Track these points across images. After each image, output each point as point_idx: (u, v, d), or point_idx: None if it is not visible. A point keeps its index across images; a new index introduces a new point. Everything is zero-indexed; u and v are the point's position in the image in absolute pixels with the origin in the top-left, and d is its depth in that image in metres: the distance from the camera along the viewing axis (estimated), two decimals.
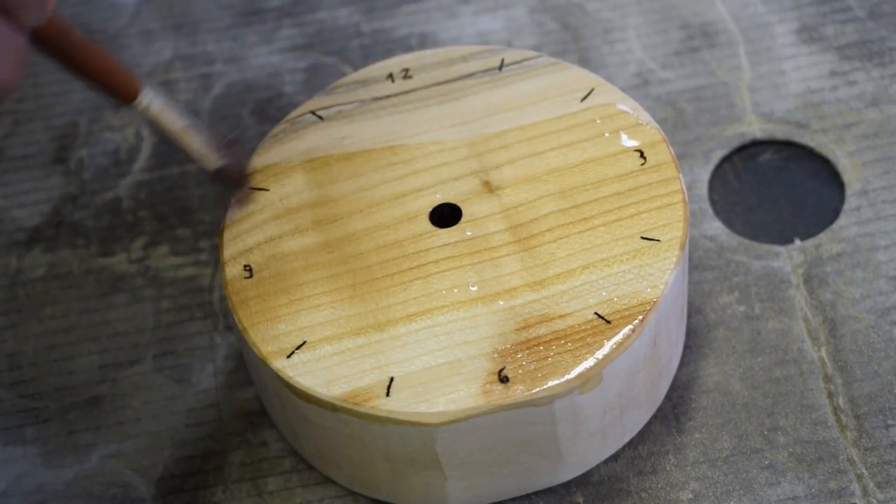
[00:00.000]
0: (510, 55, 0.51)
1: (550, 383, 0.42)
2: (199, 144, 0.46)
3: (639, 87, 0.57)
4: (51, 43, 0.41)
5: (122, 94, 0.44)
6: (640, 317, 0.43)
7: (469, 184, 0.47)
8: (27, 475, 0.49)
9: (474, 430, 0.42)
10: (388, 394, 0.42)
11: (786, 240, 0.52)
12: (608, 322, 0.43)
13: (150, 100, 0.44)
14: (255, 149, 0.50)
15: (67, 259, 0.55)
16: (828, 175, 0.54)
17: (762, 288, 0.50)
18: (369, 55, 0.61)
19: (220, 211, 0.55)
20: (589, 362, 0.42)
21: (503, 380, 0.42)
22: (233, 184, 0.48)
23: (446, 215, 0.47)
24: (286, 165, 0.49)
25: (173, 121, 0.45)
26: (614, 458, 0.47)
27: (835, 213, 0.52)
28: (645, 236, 0.45)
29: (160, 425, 0.50)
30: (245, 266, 0.46)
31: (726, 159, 0.55)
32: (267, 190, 0.48)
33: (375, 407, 0.42)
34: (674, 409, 0.48)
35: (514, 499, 0.46)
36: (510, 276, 0.44)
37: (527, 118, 0.49)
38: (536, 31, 0.60)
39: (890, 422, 0.46)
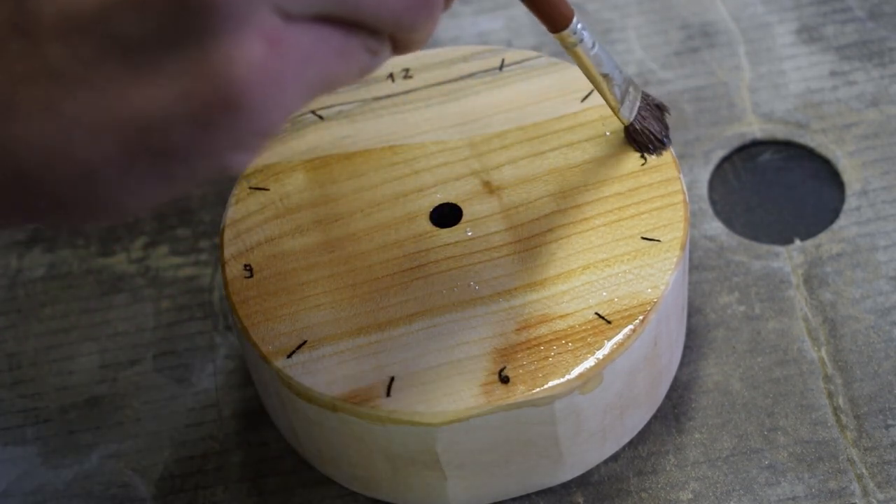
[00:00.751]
0: (510, 55, 0.51)
1: (551, 383, 0.42)
2: (617, 96, 0.46)
3: None
4: None
5: (555, 18, 0.43)
6: (641, 317, 0.43)
7: (469, 184, 0.47)
8: (27, 475, 0.49)
9: (474, 430, 0.42)
10: (388, 394, 0.42)
11: (786, 240, 0.52)
12: (608, 322, 0.43)
13: (581, 34, 0.43)
14: None
15: (67, 259, 0.55)
16: (828, 175, 0.54)
17: (762, 288, 0.50)
18: None
19: (219, 211, 0.55)
20: (589, 362, 0.42)
21: (503, 380, 0.42)
22: (642, 145, 0.47)
23: (447, 215, 0.47)
24: (286, 165, 0.49)
25: (598, 64, 0.45)
26: (614, 458, 0.47)
27: (835, 213, 0.52)
28: (645, 236, 0.45)
29: (160, 425, 0.49)
30: (245, 266, 0.46)
31: (726, 159, 0.55)
32: (267, 190, 0.48)
33: (376, 407, 0.42)
34: (674, 409, 0.48)
35: (514, 499, 0.46)
36: (510, 276, 0.44)
37: (527, 118, 0.49)
38: (536, 31, 0.60)
39: (890, 422, 0.46)
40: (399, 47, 0.36)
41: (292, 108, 0.33)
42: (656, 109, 0.48)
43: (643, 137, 0.47)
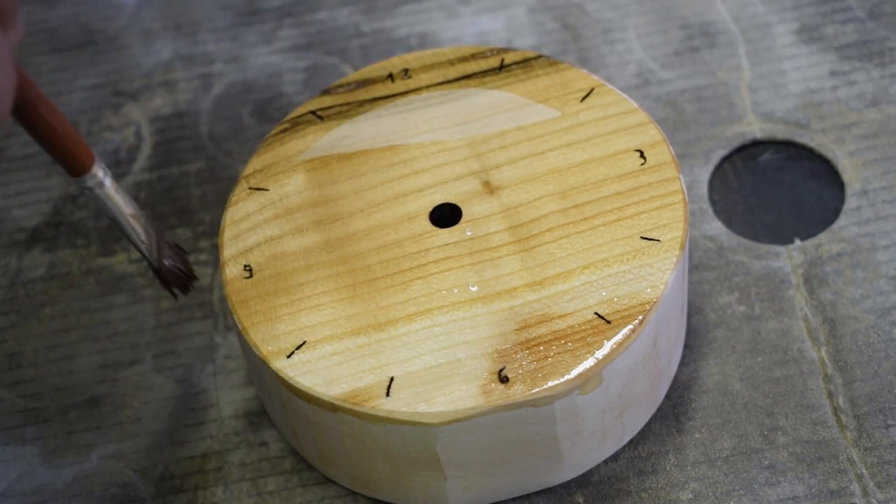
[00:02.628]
0: (510, 55, 0.51)
1: (551, 383, 0.42)
2: (145, 236, 0.44)
3: (639, 87, 0.57)
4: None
5: (76, 163, 0.41)
6: (640, 317, 0.43)
7: (469, 184, 0.47)
8: (27, 475, 0.49)
9: (474, 429, 0.42)
10: (388, 394, 0.42)
11: (786, 240, 0.52)
12: (608, 322, 0.43)
13: (103, 177, 0.43)
14: (255, 149, 0.50)
15: (67, 259, 0.55)
16: (828, 175, 0.54)
17: (762, 288, 0.50)
18: (369, 55, 0.61)
19: (219, 211, 0.55)
20: (589, 362, 0.42)
21: (503, 380, 0.42)
22: (173, 283, 0.46)
23: (446, 215, 0.47)
24: (286, 165, 0.49)
25: (123, 205, 0.43)
26: (614, 458, 0.47)
27: (835, 213, 0.52)
28: (645, 236, 0.45)
29: (160, 425, 0.49)
30: (245, 266, 0.46)
31: (726, 159, 0.55)
32: (267, 190, 0.48)
33: (375, 407, 0.42)
34: (674, 409, 0.48)
35: (514, 499, 0.46)
36: (510, 276, 0.44)
37: (527, 118, 0.49)
38: (536, 31, 0.60)
39: (890, 422, 0.46)
40: None
41: None
42: (176, 248, 0.47)
43: (176, 276, 0.46)
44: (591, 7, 0.61)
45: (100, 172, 0.42)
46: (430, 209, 0.47)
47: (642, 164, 0.47)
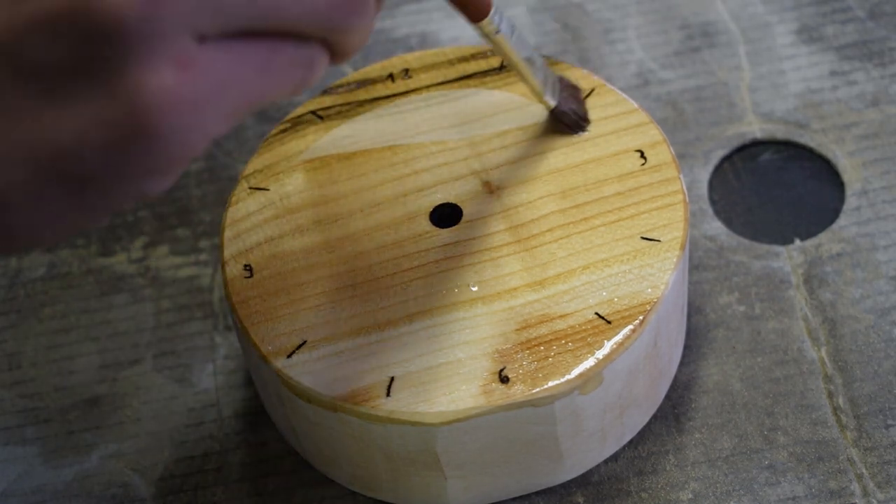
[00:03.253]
0: None
1: (551, 383, 0.42)
2: (540, 79, 0.46)
3: (639, 87, 0.57)
4: None
5: (475, 10, 0.42)
6: (641, 317, 0.43)
7: (469, 184, 0.47)
8: (27, 475, 0.49)
9: (474, 430, 0.42)
10: (388, 394, 0.42)
11: (786, 240, 0.52)
12: (608, 322, 0.43)
13: (500, 23, 0.43)
14: (255, 149, 0.50)
15: (67, 259, 0.55)
16: (828, 175, 0.54)
17: (762, 288, 0.50)
18: (369, 55, 0.61)
19: (219, 211, 0.55)
20: (589, 362, 0.42)
21: (503, 380, 0.42)
22: (568, 125, 0.48)
23: (446, 215, 0.47)
24: (286, 165, 0.49)
25: (519, 49, 0.45)
26: (614, 458, 0.47)
27: (835, 213, 0.52)
28: (645, 236, 0.45)
29: (160, 425, 0.49)
30: (245, 266, 0.46)
31: (726, 159, 0.55)
32: (267, 190, 0.48)
33: (375, 407, 0.42)
34: (674, 409, 0.48)
35: (514, 499, 0.46)
36: (510, 276, 0.44)
37: (527, 118, 0.49)
38: (536, 31, 0.60)
39: (890, 422, 0.46)
40: (336, 54, 0.35)
41: (212, 131, 0.32)
42: (573, 90, 0.49)
43: (569, 118, 0.48)
44: (591, 7, 0.61)
45: (495, 19, 0.43)
46: (431, 209, 0.47)
47: (642, 164, 0.47)
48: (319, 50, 0.34)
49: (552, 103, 0.47)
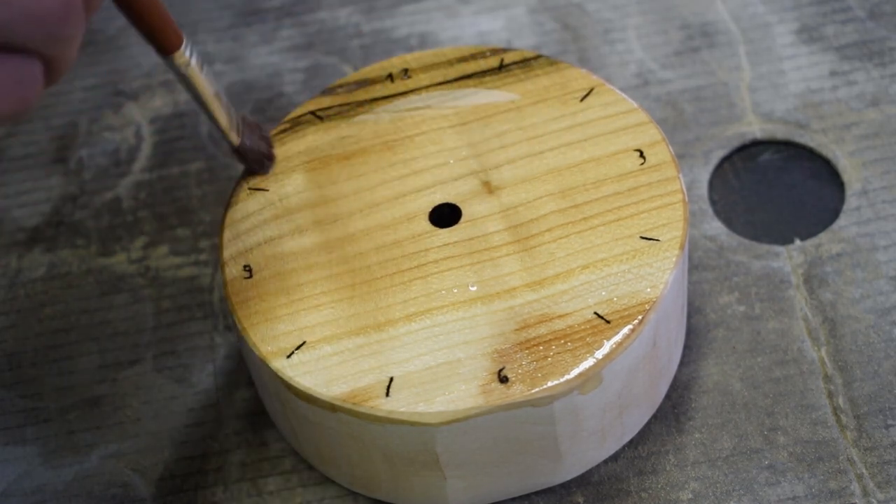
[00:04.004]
0: (510, 55, 0.51)
1: (550, 383, 0.42)
2: (227, 116, 0.46)
3: (639, 87, 0.57)
4: None
5: (166, 42, 0.42)
6: (640, 317, 0.43)
7: (469, 184, 0.47)
8: (27, 475, 0.49)
9: (474, 430, 0.42)
10: (387, 394, 0.42)
11: (786, 240, 0.52)
12: (608, 322, 0.43)
13: (191, 55, 0.43)
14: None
15: (67, 259, 0.55)
16: (828, 175, 0.54)
17: (762, 288, 0.50)
18: (369, 55, 0.61)
19: (219, 211, 0.55)
20: (589, 362, 0.42)
21: (503, 380, 0.42)
22: (253, 164, 0.48)
23: (446, 215, 0.47)
24: (286, 165, 0.49)
25: (208, 84, 0.44)
26: (614, 458, 0.47)
27: (835, 213, 0.52)
28: (645, 236, 0.45)
29: (160, 425, 0.50)
30: (245, 266, 0.46)
31: (726, 159, 0.55)
32: (267, 190, 0.48)
33: (375, 407, 0.42)
34: (674, 409, 0.48)
35: (514, 499, 0.46)
36: (510, 276, 0.44)
37: (527, 118, 0.49)
38: (536, 31, 0.60)
39: (890, 422, 0.46)
40: (52, 70, 0.34)
41: None
42: (258, 128, 0.48)
43: (253, 155, 0.48)
44: (591, 7, 0.61)
45: (187, 52, 0.43)
46: (430, 209, 0.47)
47: (642, 163, 0.47)
48: (39, 66, 0.33)
49: (236, 141, 0.47)
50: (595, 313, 0.43)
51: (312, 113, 0.50)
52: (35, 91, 0.33)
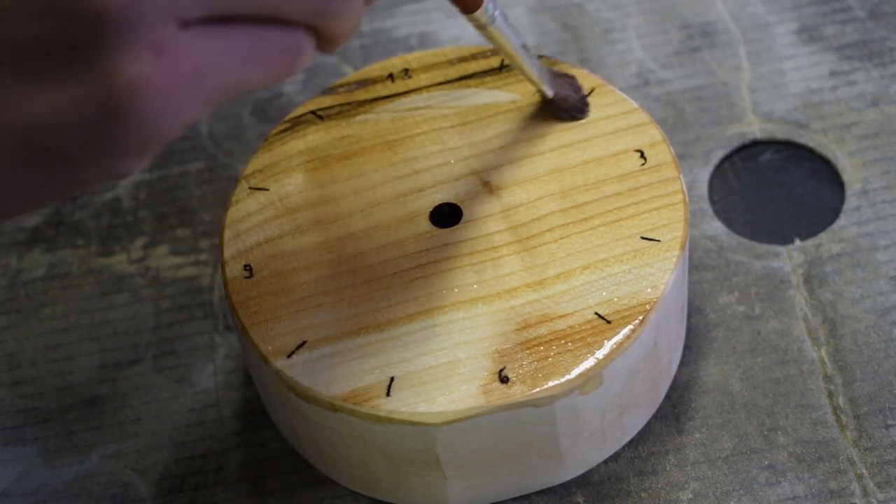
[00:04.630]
0: None
1: (551, 383, 0.42)
2: (536, 68, 0.46)
3: (639, 87, 0.57)
4: None
5: (468, 1, 0.42)
6: (641, 317, 0.43)
7: (469, 184, 0.47)
8: (27, 475, 0.49)
9: (474, 429, 0.42)
10: (388, 394, 0.42)
11: (786, 240, 0.52)
12: (608, 322, 0.43)
13: (493, 12, 0.43)
14: (255, 149, 0.50)
15: (67, 259, 0.55)
16: (828, 175, 0.54)
17: (762, 288, 0.50)
18: (369, 55, 0.61)
19: (219, 211, 0.55)
20: (589, 362, 0.42)
21: (503, 380, 0.42)
22: (569, 113, 0.48)
23: (446, 215, 0.47)
24: (286, 165, 0.49)
25: (514, 37, 0.44)
26: (614, 458, 0.47)
27: (835, 213, 0.52)
28: (645, 236, 0.45)
29: (160, 425, 0.50)
30: (245, 266, 0.46)
31: (726, 159, 0.55)
32: (267, 190, 0.48)
33: (375, 407, 0.42)
34: (674, 409, 0.48)
35: (514, 499, 0.46)
36: (510, 276, 0.44)
37: (527, 118, 0.49)
38: (536, 31, 0.60)
39: (890, 422, 0.46)
40: (323, 41, 0.34)
41: (187, 117, 0.32)
42: (569, 77, 0.49)
43: (569, 103, 0.48)
44: (591, 7, 0.61)
45: (489, 7, 0.42)
46: (430, 209, 0.47)
47: (642, 164, 0.47)
48: (305, 37, 0.34)
49: (550, 93, 0.47)
50: (596, 313, 0.43)
51: (313, 112, 0.50)
52: (301, 62, 0.34)
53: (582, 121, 0.48)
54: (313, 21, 0.34)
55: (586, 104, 0.48)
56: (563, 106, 0.48)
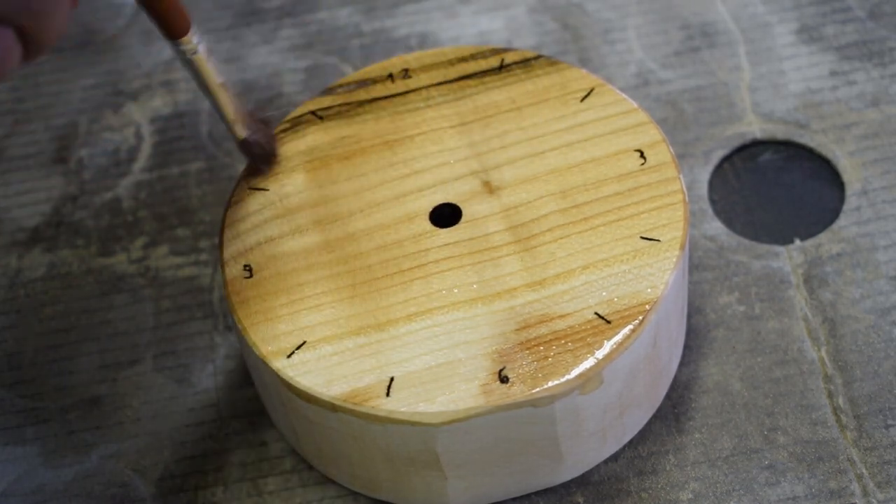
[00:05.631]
0: (510, 55, 0.51)
1: (551, 383, 0.42)
2: (233, 107, 0.45)
3: (639, 87, 0.57)
4: None
5: (175, 26, 0.41)
6: (640, 317, 0.43)
7: (469, 184, 0.47)
8: (27, 475, 0.49)
9: (474, 430, 0.42)
10: (388, 394, 0.42)
11: (786, 240, 0.52)
12: (608, 322, 0.43)
13: (199, 42, 0.43)
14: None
15: (67, 259, 0.55)
16: (828, 175, 0.54)
17: (762, 288, 0.50)
18: (369, 55, 0.61)
19: (219, 211, 0.55)
20: (589, 362, 0.42)
21: (503, 380, 0.42)
22: (257, 158, 0.47)
23: (446, 215, 0.47)
24: (286, 165, 0.49)
25: (214, 73, 0.44)
26: (614, 458, 0.47)
27: (835, 213, 0.52)
28: (645, 236, 0.45)
29: (160, 425, 0.50)
30: (245, 266, 0.46)
31: (726, 159, 0.55)
32: (267, 190, 0.48)
33: (375, 407, 0.42)
34: (674, 409, 0.48)
35: (514, 499, 0.46)
36: (510, 276, 0.44)
37: (527, 118, 0.49)
38: (536, 31, 0.60)
39: (890, 422, 0.46)
40: (30, 44, 0.33)
41: None
42: (264, 123, 0.47)
43: (257, 149, 0.47)
44: (591, 7, 0.61)
45: (195, 38, 0.42)
46: (430, 209, 0.47)
47: (642, 164, 0.47)
48: (13, 38, 0.33)
49: (242, 134, 0.46)
50: (595, 313, 0.43)
51: (313, 113, 0.50)
52: (6, 65, 0.33)
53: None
54: (22, 20, 0.32)
55: (272, 158, 0.47)
56: (250, 150, 0.47)
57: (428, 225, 0.46)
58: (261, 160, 0.48)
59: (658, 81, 0.58)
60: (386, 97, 0.50)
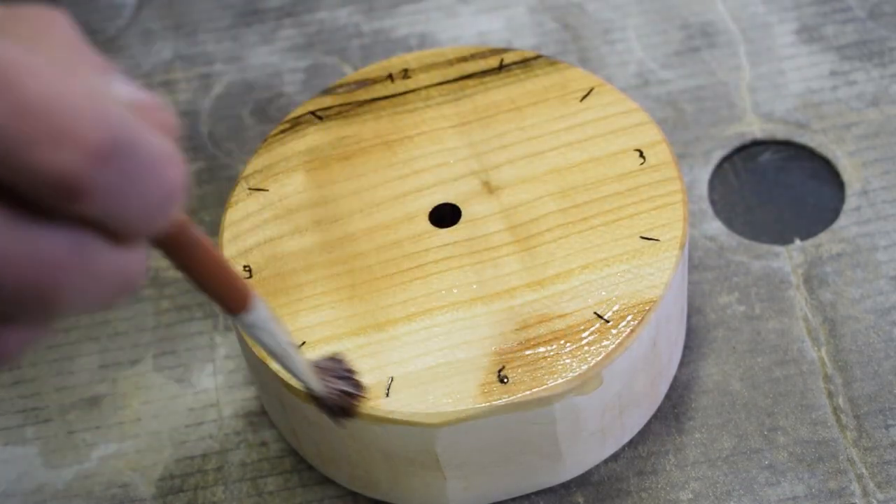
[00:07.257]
0: (510, 55, 0.51)
1: (550, 383, 0.42)
2: (304, 364, 0.40)
3: (639, 87, 0.57)
4: (167, 243, 0.35)
5: (231, 304, 0.36)
6: (640, 317, 0.43)
7: (469, 184, 0.47)
8: (27, 475, 0.49)
9: (474, 430, 0.42)
10: (387, 394, 0.42)
11: (786, 240, 0.52)
12: (608, 322, 0.43)
13: (260, 313, 0.37)
14: (255, 149, 0.50)
15: None
16: (828, 175, 0.54)
17: (762, 288, 0.50)
18: (369, 55, 0.61)
19: (219, 211, 0.55)
20: (589, 362, 0.42)
21: (503, 380, 0.42)
22: (337, 412, 0.42)
23: (446, 215, 0.47)
24: (286, 165, 0.49)
25: (281, 333, 0.39)
26: (614, 458, 0.47)
27: (835, 213, 0.52)
28: (644, 236, 0.45)
29: (160, 425, 0.50)
30: (245, 266, 0.46)
31: (726, 159, 0.55)
32: (266, 191, 0.48)
33: (375, 407, 0.42)
34: (674, 409, 0.48)
35: (514, 499, 0.46)
36: (510, 276, 0.44)
37: (527, 118, 0.49)
38: (536, 31, 0.60)
39: (890, 422, 0.46)
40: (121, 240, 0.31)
41: None
42: (334, 366, 0.42)
43: (332, 405, 0.41)
44: (591, 7, 0.61)
45: (258, 309, 0.37)
46: (430, 209, 0.47)
47: (642, 163, 0.47)
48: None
49: (318, 389, 0.41)
50: (595, 313, 0.43)
51: (312, 113, 0.50)
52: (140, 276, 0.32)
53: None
54: (130, 228, 0.31)
55: (350, 412, 0.42)
56: (324, 407, 0.41)
57: (427, 225, 0.46)
58: (337, 414, 0.42)
59: (658, 81, 0.58)
60: (386, 97, 0.50)
